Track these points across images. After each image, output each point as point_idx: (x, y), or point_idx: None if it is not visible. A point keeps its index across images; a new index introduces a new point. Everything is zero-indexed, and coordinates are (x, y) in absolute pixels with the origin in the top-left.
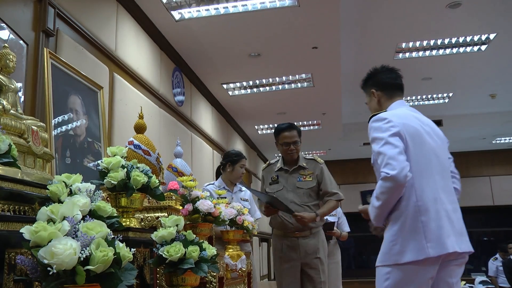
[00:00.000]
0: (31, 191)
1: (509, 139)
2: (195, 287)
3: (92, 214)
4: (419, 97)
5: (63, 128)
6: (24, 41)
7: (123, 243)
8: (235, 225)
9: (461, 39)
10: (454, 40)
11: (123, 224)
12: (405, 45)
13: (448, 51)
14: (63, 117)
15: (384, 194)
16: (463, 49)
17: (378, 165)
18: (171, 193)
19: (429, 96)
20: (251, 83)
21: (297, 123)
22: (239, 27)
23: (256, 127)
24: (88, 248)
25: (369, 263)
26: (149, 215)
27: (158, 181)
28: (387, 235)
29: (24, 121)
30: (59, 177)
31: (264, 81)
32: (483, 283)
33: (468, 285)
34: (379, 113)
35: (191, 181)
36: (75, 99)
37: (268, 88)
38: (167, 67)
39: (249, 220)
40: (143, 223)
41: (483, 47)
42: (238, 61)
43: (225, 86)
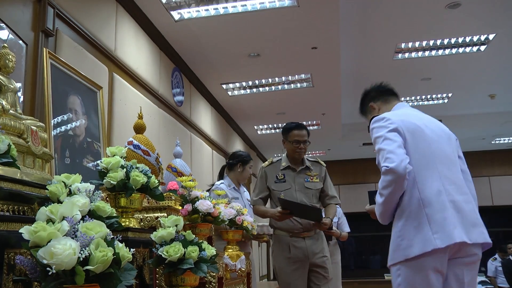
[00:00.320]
0: (31, 191)
1: (509, 140)
2: (194, 287)
3: (91, 214)
4: (418, 98)
5: (62, 128)
6: (23, 41)
7: (122, 243)
8: (234, 225)
9: (461, 40)
10: (453, 40)
11: (123, 224)
12: (405, 45)
13: (447, 51)
14: (62, 117)
15: (386, 188)
16: (462, 50)
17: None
18: (171, 193)
19: (429, 96)
20: (250, 83)
21: None
22: (239, 27)
23: (255, 127)
24: (87, 248)
25: (368, 263)
26: (148, 215)
27: (157, 181)
28: (393, 232)
29: (23, 121)
30: (58, 177)
31: (263, 81)
32: (482, 283)
33: None
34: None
35: (190, 181)
36: (75, 99)
37: (267, 88)
38: (166, 67)
39: (248, 220)
40: (142, 223)
41: (483, 48)
42: (237, 61)
43: (224, 86)
